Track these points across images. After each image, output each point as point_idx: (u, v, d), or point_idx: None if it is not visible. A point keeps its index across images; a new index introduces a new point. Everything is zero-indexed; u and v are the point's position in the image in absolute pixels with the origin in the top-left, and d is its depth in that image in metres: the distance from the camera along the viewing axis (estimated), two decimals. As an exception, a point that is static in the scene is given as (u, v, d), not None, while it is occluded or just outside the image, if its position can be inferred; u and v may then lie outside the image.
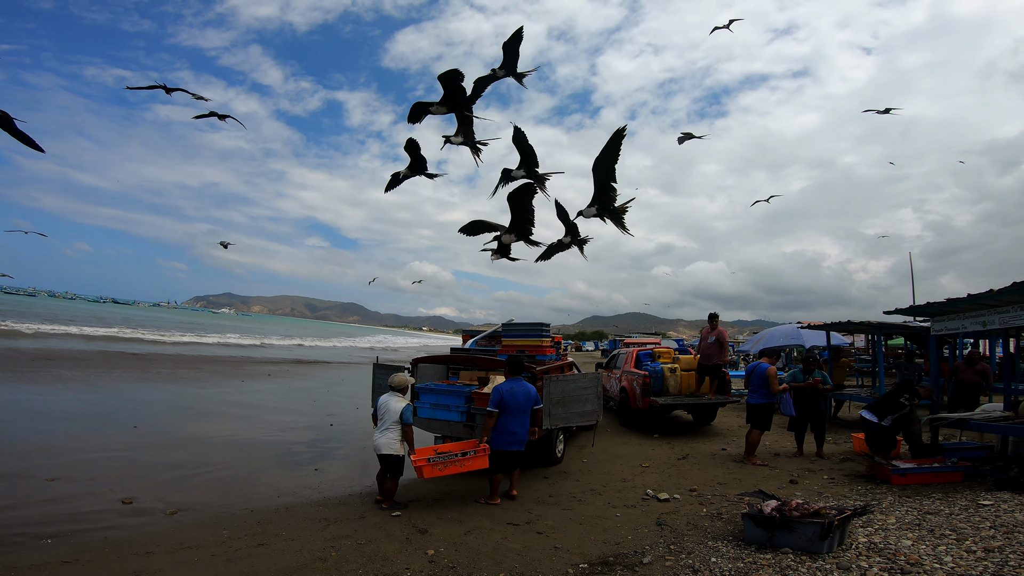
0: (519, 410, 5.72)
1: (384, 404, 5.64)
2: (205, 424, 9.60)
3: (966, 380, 8.35)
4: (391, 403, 5.60)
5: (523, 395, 5.76)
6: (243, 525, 4.90)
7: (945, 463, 6.08)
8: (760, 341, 16.82)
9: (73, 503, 5.23)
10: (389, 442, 5.49)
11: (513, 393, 5.71)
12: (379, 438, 5.53)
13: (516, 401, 5.70)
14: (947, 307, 7.48)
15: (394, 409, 5.55)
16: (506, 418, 5.69)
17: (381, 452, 5.52)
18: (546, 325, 7.97)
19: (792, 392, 7.82)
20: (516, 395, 5.71)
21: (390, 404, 5.60)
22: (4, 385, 11.72)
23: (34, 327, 24.66)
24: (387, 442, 5.49)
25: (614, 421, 10.84)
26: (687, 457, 7.85)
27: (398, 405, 5.57)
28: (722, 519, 4.99)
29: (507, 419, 5.69)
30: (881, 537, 4.06)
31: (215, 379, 16.26)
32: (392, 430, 5.52)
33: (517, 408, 5.71)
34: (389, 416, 5.55)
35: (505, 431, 5.69)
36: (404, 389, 5.73)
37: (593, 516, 5.29)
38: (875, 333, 11.85)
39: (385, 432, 5.52)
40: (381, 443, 5.51)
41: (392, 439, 5.50)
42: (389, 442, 5.49)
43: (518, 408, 5.71)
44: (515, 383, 5.80)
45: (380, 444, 5.51)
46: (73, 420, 8.96)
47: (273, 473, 6.79)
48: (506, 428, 5.68)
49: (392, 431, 5.52)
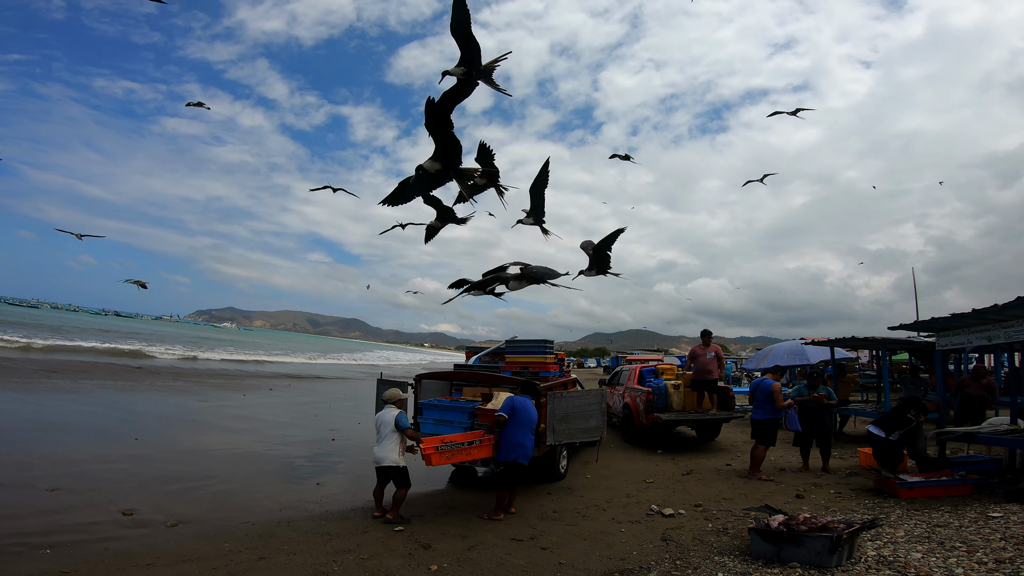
0: (526, 423, 5.86)
1: (380, 418, 5.74)
2: (207, 437, 9.57)
3: (972, 394, 8.33)
4: (385, 415, 5.68)
5: (531, 412, 5.95)
6: (244, 538, 4.85)
7: (953, 476, 6.08)
8: (764, 358, 16.75)
9: (73, 514, 5.19)
10: (388, 453, 5.53)
11: (525, 406, 5.90)
12: (378, 451, 5.58)
13: (526, 414, 5.87)
14: (952, 322, 7.47)
15: (388, 420, 5.62)
16: (514, 429, 5.77)
17: (381, 464, 5.55)
18: (550, 342, 7.97)
19: (797, 407, 7.78)
20: (528, 408, 5.91)
21: (385, 417, 5.68)
22: (7, 396, 11.70)
23: (40, 342, 24.67)
24: (386, 454, 5.53)
25: (617, 437, 10.76)
26: (692, 473, 7.77)
27: (392, 415, 5.64)
28: (728, 534, 4.93)
29: (515, 430, 5.78)
30: (890, 550, 4.00)
31: (216, 392, 16.21)
32: (390, 440, 5.56)
33: (525, 421, 5.85)
34: (385, 427, 5.62)
35: (512, 442, 5.75)
36: (397, 401, 5.82)
37: (597, 532, 5.24)
38: (880, 348, 11.81)
39: (383, 443, 5.57)
40: (380, 455, 5.55)
41: (391, 450, 5.54)
42: (388, 453, 5.53)
43: (525, 421, 5.86)
44: (527, 400, 6.02)
45: (380, 456, 5.55)
46: (75, 432, 8.93)
47: (275, 486, 6.74)
48: (513, 439, 5.75)
49: (390, 441, 5.56)
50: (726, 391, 10.26)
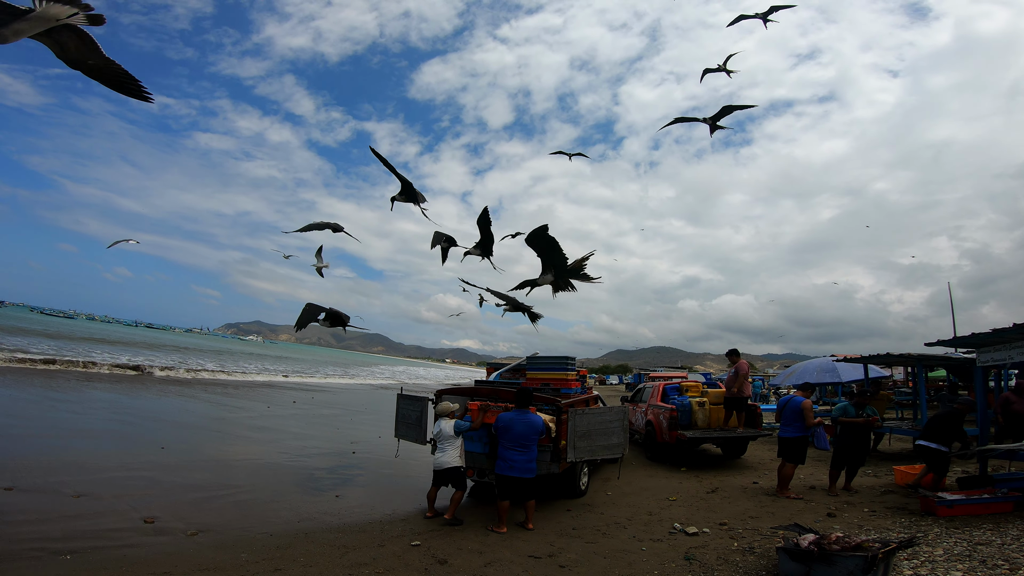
0: (515, 439, 5.78)
1: (440, 429, 6.25)
2: (229, 447, 9.68)
3: (1019, 411, 7.95)
4: (445, 426, 6.21)
5: (523, 426, 5.81)
6: (262, 549, 4.85)
7: (995, 493, 5.88)
8: (792, 375, 16.29)
9: (95, 520, 5.26)
10: (450, 458, 6.09)
11: (512, 422, 5.83)
12: (441, 456, 6.13)
13: (511, 431, 5.79)
14: (993, 337, 7.19)
15: (448, 429, 6.18)
16: (502, 445, 5.84)
17: (445, 467, 6.07)
18: (571, 359, 7.87)
19: (841, 428, 7.46)
20: (513, 424, 5.81)
21: (445, 428, 6.20)
22: (40, 404, 12.05)
23: (71, 351, 25.41)
24: (449, 458, 6.09)
25: (640, 454, 10.54)
26: (717, 490, 7.53)
27: (450, 425, 6.20)
28: (755, 553, 4.74)
29: (503, 447, 5.84)
30: (928, 569, 3.80)
31: (241, 404, 16.46)
32: (452, 446, 6.13)
33: (512, 437, 5.78)
34: (445, 436, 6.17)
35: (502, 458, 5.84)
36: (449, 413, 6.36)
37: (618, 550, 5.09)
38: (915, 365, 11.39)
39: (446, 450, 6.13)
40: (444, 460, 6.09)
41: (454, 455, 6.11)
42: (450, 458, 6.09)
43: (513, 437, 5.78)
44: (518, 414, 5.90)
45: (443, 461, 6.09)
46: (103, 439, 9.13)
47: (294, 498, 6.75)
48: (502, 455, 5.84)
49: (452, 447, 6.13)
50: (754, 409, 10.00)
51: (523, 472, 5.77)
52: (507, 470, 5.78)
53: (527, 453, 5.81)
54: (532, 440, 5.84)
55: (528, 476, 5.79)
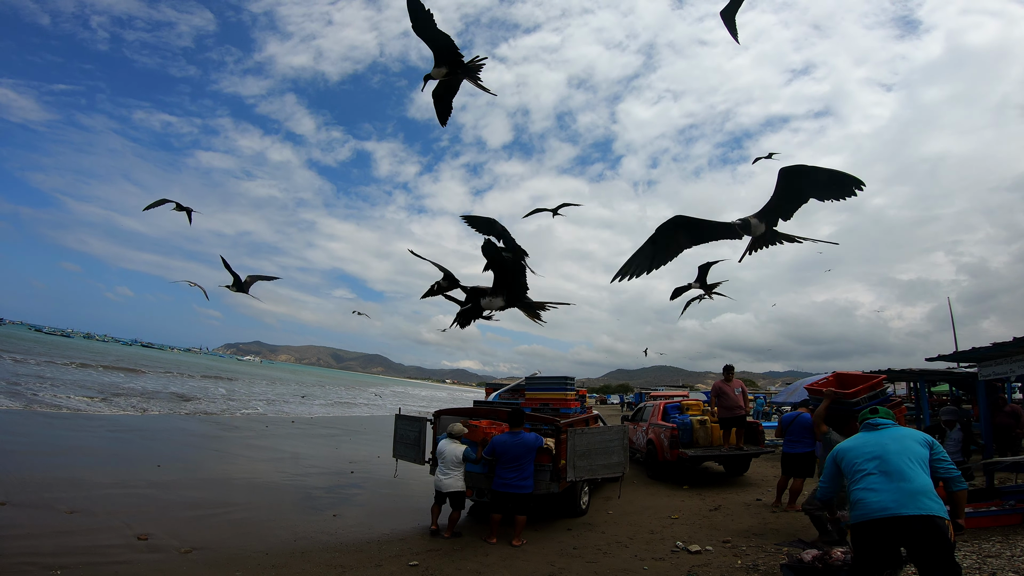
0: (511, 460, 5.96)
1: (443, 449, 6.23)
2: (226, 466, 9.58)
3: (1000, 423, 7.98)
4: (450, 448, 6.21)
5: (518, 447, 5.98)
6: (257, 568, 4.76)
7: (1003, 506, 5.86)
8: (794, 392, 16.20)
9: (88, 536, 5.19)
10: (454, 481, 6.11)
11: (506, 445, 6.00)
12: (444, 479, 6.12)
13: (508, 453, 5.97)
14: (994, 352, 7.24)
15: (454, 452, 6.18)
16: (499, 465, 6.01)
17: (447, 490, 6.09)
18: (570, 379, 7.87)
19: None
20: (508, 447, 5.98)
21: (451, 449, 6.20)
22: (37, 420, 11.96)
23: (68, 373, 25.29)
24: (452, 481, 6.11)
25: (641, 473, 10.42)
26: (719, 508, 7.43)
27: (458, 449, 6.21)
28: (759, 571, 4.66)
29: (500, 467, 6.01)
30: (937, 586, 3.71)
31: (239, 423, 16.33)
32: (456, 471, 6.14)
33: (509, 458, 5.97)
34: (450, 459, 6.15)
35: (498, 475, 6.02)
36: (460, 435, 6.37)
37: (619, 569, 5.00)
38: (918, 380, 11.35)
39: (449, 473, 6.13)
40: (447, 483, 6.10)
41: (458, 480, 6.14)
42: (454, 481, 6.11)
43: (511, 458, 5.97)
44: (512, 436, 6.06)
45: (446, 484, 6.09)
46: (99, 456, 9.06)
47: (290, 516, 6.65)
48: (499, 473, 6.02)
49: (456, 471, 6.14)
50: (755, 426, 9.92)
51: (517, 488, 5.90)
52: (501, 486, 5.98)
53: (522, 471, 5.96)
54: (526, 458, 5.98)
55: (521, 492, 5.91)
